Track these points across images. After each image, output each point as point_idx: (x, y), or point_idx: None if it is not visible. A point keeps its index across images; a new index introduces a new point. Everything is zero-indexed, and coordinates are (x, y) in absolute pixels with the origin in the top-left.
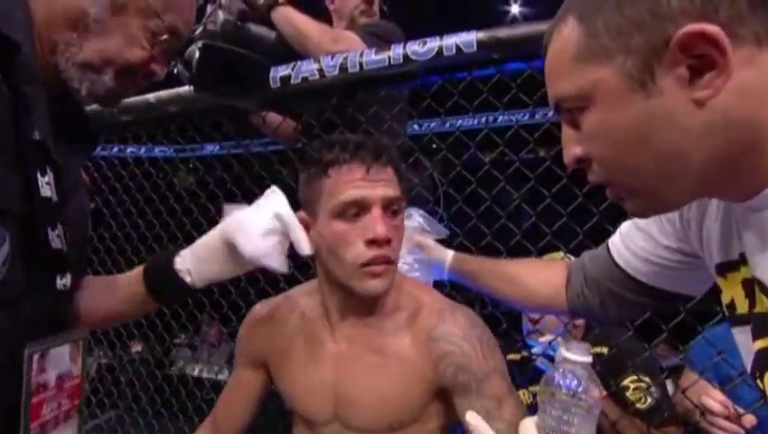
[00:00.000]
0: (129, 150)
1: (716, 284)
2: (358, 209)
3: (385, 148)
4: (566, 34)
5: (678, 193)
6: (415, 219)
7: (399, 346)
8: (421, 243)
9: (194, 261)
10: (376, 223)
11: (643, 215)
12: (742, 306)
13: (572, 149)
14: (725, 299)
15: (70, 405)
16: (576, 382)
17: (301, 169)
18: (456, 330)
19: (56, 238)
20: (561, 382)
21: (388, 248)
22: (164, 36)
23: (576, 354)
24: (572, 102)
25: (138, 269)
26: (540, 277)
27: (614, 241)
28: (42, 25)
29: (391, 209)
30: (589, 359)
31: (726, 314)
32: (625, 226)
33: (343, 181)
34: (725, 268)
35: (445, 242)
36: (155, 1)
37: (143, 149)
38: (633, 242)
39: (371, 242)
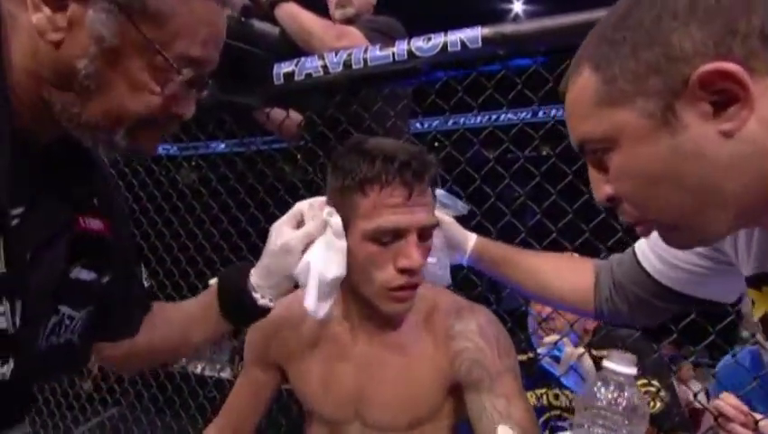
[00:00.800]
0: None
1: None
2: (393, 236)
3: (429, 166)
4: (582, 83)
5: (717, 225)
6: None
7: (419, 344)
8: (441, 218)
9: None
10: (411, 253)
11: (684, 247)
12: None
13: (602, 189)
14: (757, 313)
15: None
16: (618, 395)
17: (332, 175)
18: (473, 327)
19: (4, 315)
20: (604, 396)
21: (418, 276)
22: (176, 71)
23: (620, 365)
24: (597, 144)
25: (209, 291)
26: (567, 276)
27: (641, 246)
28: (24, 73)
29: (424, 237)
30: (633, 370)
31: (760, 327)
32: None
33: (382, 204)
34: (761, 280)
35: None
36: (157, 31)
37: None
38: (662, 247)
39: (404, 271)
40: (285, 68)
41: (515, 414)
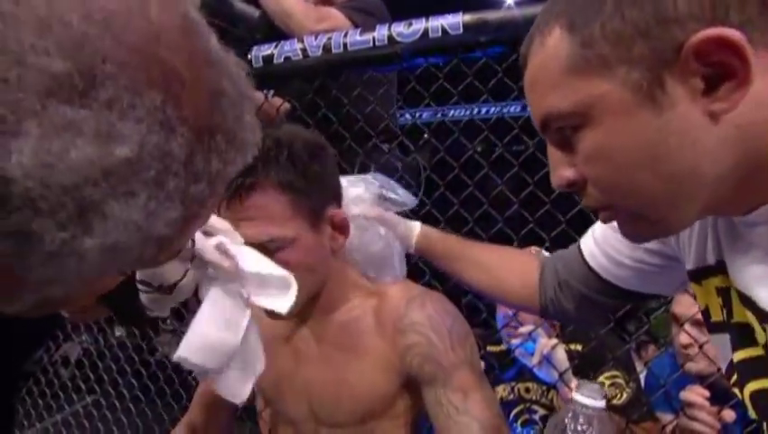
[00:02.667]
0: None
1: None
2: None
3: (245, 173)
4: (552, 45)
5: (684, 215)
6: (369, 189)
7: (367, 340)
8: (382, 218)
9: None
10: None
11: (644, 240)
12: (717, 314)
13: (563, 172)
14: (699, 305)
15: None
16: (587, 428)
17: None
18: (424, 319)
19: None
20: (571, 428)
21: None
22: None
23: (589, 398)
24: (565, 120)
25: None
26: (513, 270)
27: (587, 244)
28: None
29: (265, 250)
30: (602, 403)
31: (702, 318)
32: (598, 227)
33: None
34: (700, 274)
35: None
36: None
37: None
38: (609, 245)
39: None
40: (264, 51)
41: (473, 408)
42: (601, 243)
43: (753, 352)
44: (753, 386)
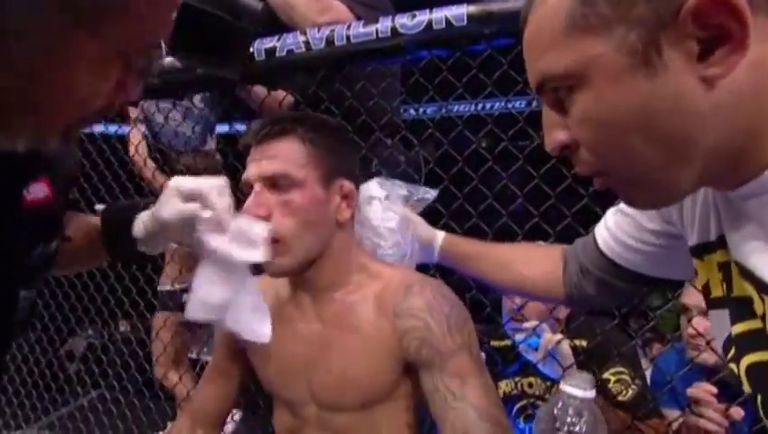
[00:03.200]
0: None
1: None
2: (247, 189)
3: (275, 123)
4: (553, 3)
5: (679, 184)
6: (397, 190)
7: (368, 324)
8: (408, 217)
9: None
10: (247, 203)
11: (642, 207)
12: (717, 289)
13: (556, 135)
14: (699, 281)
15: None
16: (577, 419)
17: None
18: (422, 303)
19: None
20: (560, 419)
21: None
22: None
23: (578, 388)
24: (560, 81)
25: (95, 223)
26: (537, 264)
27: (600, 230)
28: None
29: (275, 185)
30: (592, 394)
31: (702, 296)
32: (610, 213)
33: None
34: (702, 249)
35: (431, 221)
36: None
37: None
38: (619, 229)
39: None
40: (267, 44)
41: (470, 394)
42: (612, 228)
43: (752, 324)
44: (749, 359)
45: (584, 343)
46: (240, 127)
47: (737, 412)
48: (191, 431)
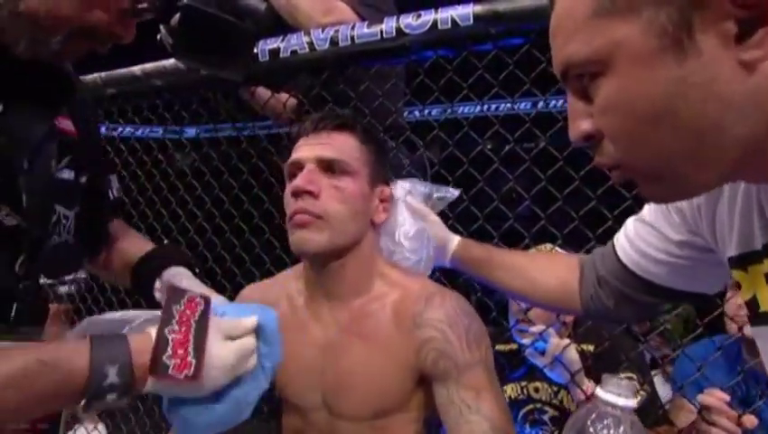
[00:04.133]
0: (127, 129)
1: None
2: (296, 169)
3: (330, 116)
4: None
5: (707, 176)
6: (419, 188)
7: (385, 334)
8: (426, 215)
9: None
10: (299, 177)
11: (663, 201)
12: (765, 303)
13: (580, 124)
14: (744, 296)
15: None
16: (617, 431)
17: None
18: (442, 315)
19: (5, 217)
20: (594, 430)
21: (310, 200)
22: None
23: (617, 395)
24: (584, 67)
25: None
26: (551, 273)
27: (620, 240)
28: None
29: (330, 168)
30: (633, 403)
31: (747, 312)
32: (630, 222)
33: (293, 149)
34: (745, 260)
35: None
36: None
37: (140, 130)
38: (641, 239)
39: (295, 194)
40: (270, 44)
41: (484, 407)
42: (632, 237)
43: None
44: None
45: (591, 347)
46: (245, 132)
47: (751, 421)
48: None
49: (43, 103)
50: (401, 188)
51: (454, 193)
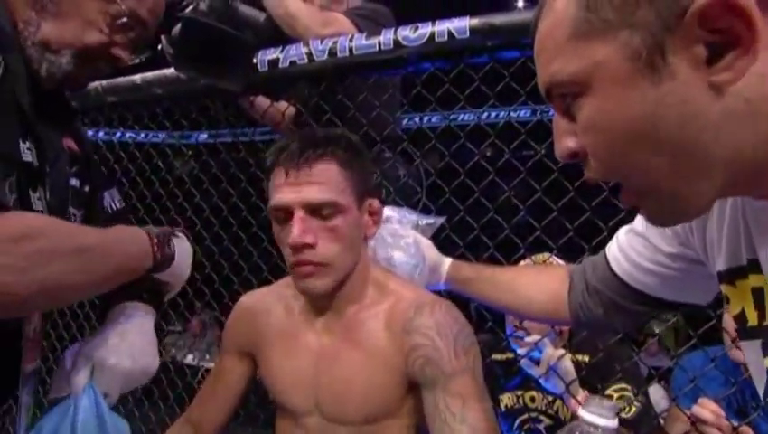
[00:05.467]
0: (129, 135)
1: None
2: (284, 214)
3: (321, 145)
4: (560, 8)
5: (700, 195)
6: (407, 216)
7: (377, 341)
8: (418, 240)
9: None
10: (292, 230)
11: (661, 223)
12: (752, 318)
13: (565, 142)
14: (733, 310)
15: None
16: None
17: None
18: (431, 323)
19: (37, 201)
20: None
21: (311, 252)
22: (124, 20)
23: (599, 416)
24: (566, 87)
25: None
26: (541, 286)
27: (612, 250)
28: (11, 2)
29: (320, 212)
30: (615, 423)
31: (737, 326)
32: (622, 232)
33: (273, 186)
34: (733, 274)
35: (433, 234)
36: None
37: (142, 134)
38: (633, 249)
39: (293, 248)
40: (269, 55)
41: (470, 416)
42: (625, 248)
43: None
44: None
45: (586, 358)
46: (244, 139)
47: (746, 432)
48: None
49: (58, 123)
50: (390, 211)
51: (440, 219)
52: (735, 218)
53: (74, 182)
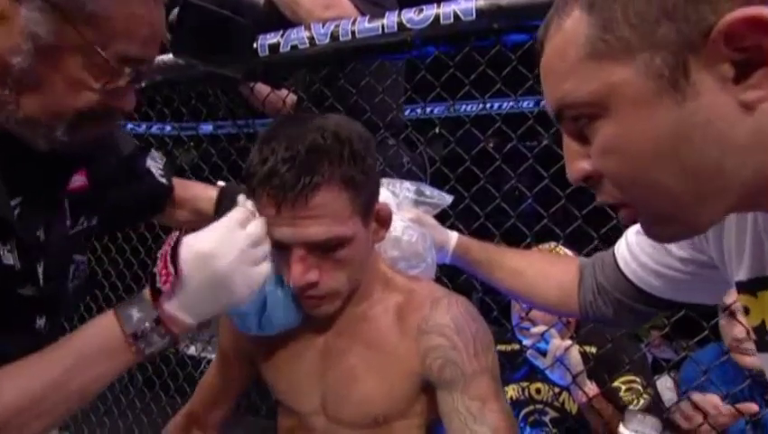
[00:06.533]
0: (129, 126)
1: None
2: (279, 248)
3: (308, 169)
4: (571, 28)
5: (712, 215)
6: (407, 192)
7: (388, 339)
8: (420, 220)
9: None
10: (292, 271)
11: (670, 240)
12: None
13: (578, 165)
14: (752, 321)
15: None
16: None
17: None
18: (449, 321)
19: (28, 286)
20: None
21: (314, 289)
22: (116, 71)
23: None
24: (580, 109)
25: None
26: (550, 275)
27: (621, 251)
28: None
29: (323, 248)
30: None
31: (755, 337)
32: (632, 233)
33: (264, 215)
34: (756, 285)
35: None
36: (95, 32)
37: (143, 126)
38: (643, 252)
39: (293, 285)
40: (270, 39)
41: (490, 417)
42: (633, 249)
43: None
44: None
45: (593, 349)
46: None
47: (748, 407)
48: (186, 430)
49: (61, 171)
50: (390, 197)
51: (446, 199)
52: (756, 228)
53: (79, 226)
